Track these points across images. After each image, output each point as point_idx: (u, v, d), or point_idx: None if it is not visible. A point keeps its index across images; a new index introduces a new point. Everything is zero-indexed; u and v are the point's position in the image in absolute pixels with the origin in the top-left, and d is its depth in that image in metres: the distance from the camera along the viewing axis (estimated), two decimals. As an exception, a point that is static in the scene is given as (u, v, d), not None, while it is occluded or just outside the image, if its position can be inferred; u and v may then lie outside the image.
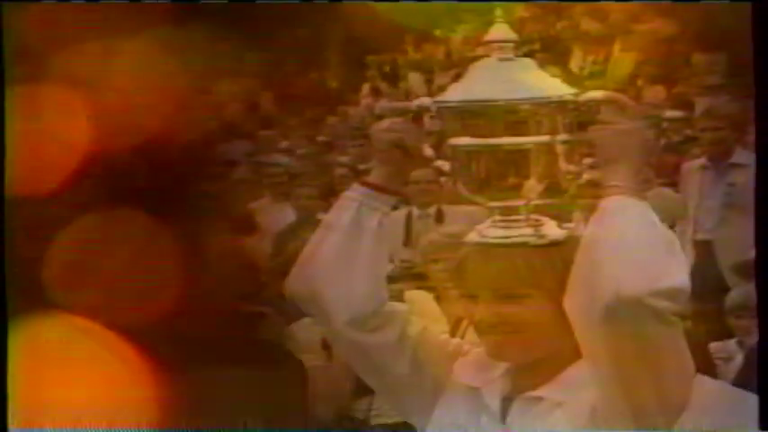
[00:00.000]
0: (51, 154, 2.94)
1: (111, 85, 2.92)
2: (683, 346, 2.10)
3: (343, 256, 2.28)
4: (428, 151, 2.29)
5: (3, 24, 2.79)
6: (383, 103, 11.64)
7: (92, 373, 3.13)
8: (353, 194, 2.32)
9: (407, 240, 7.02)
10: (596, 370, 2.11)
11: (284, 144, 11.24)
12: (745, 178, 6.56)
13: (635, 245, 2.03)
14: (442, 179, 2.34)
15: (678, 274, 2.03)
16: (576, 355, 2.21)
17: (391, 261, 6.64)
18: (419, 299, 4.66)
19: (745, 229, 6.25)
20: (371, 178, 2.33)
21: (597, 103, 2.18)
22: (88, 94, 2.89)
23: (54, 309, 3.08)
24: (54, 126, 2.91)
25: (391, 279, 5.70)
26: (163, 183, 3.14)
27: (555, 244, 2.20)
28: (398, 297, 5.09)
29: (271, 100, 13.80)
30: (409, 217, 7.28)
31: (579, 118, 2.20)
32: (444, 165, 2.28)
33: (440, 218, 7.10)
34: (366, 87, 14.29)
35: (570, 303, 2.10)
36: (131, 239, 3.07)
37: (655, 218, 2.09)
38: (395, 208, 7.36)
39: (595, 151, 2.15)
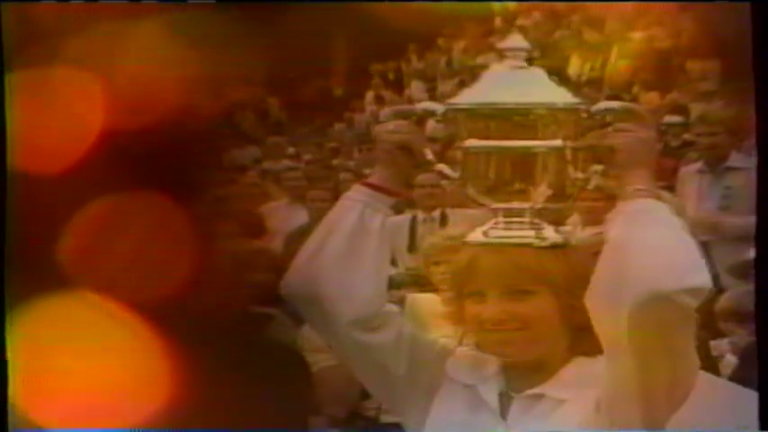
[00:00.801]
0: (65, 135, 2.92)
1: (124, 67, 2.90)
2: (693, 341, 2.14)
3: (348, 256, 2.27)
4: (430, 154, 2.29)
5: (2, 24, 2.78)
6: (389, 107, 11.68)
7: (104, 349, 3.11)
8: (357, 196, 2.31)
9: (412, 245, 7.00)
10: (615, 362, 2.12)
11: (291, 150, 11.28)
12: (740, 181, 6.59)
13: (665, 244, 2.07)
14: (444, 182, 2.34)
15: (702, 273, 2.08)
16: (571, 352, 2.23)
17: (395, 265, 6.63)
18: (423, 301, 4.66)
19: (741, 230, 6.27)
20: (374, 179, 2.31)
21: (613, 112, 2.20)
22: (102, 76, 2.87)
23: (67, 286, 3.06)
24: (67, 107, 2.89)
25: (396, 285, 5.67)
26: (175, 167, 3.13)
27: (556, 246, 2.22)
28: (402, 302, 5.10)
29: (278, 107, 13.84)
30: (414, 221, 7.26)
31: (592, 126, 2.22)
32: (445, 168, 2.28)
33: (444, 221, 7.08)
34: (370, 95, 14.31)
35: (595, 298, 2.12)
36: (144, 220, 3.05)
37: (677, 220, 2.12)
38: (399, 211, 7.39)
39: (615, 157, 2.17)
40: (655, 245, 2.07)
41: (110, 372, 3.02)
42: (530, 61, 2.26)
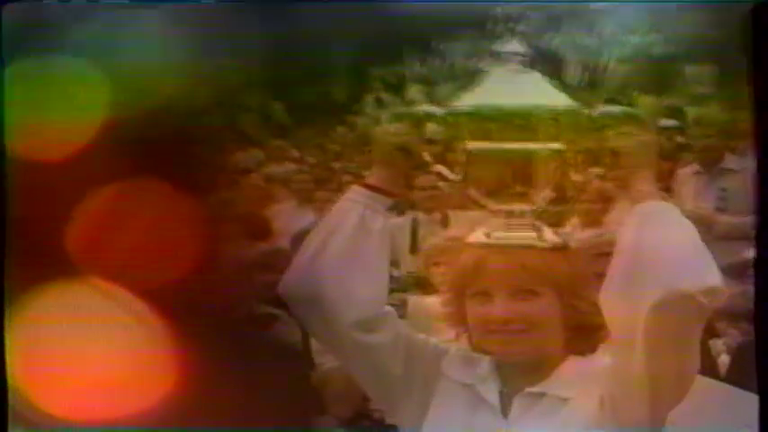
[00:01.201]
0: (69, 123, 2.92)
1: (127, 59, 2.90)
2: (699, 338, 2.17)
3: (350, 258, 2.27)
4: (428, 156, 2.30)
5: (2, 24, 2.78)
6: (391, 108, 11.63)
7: (108, 337, 3.10)
8: (356, 197, 2.31)
9: (413, 247, 7.00)
10: (626, 358, 2.14)
11: (296, 153, 11.26)
12: (735, 183, 6.62)
13: (681, 245, 2.12)
14: (441, 184, 2.34)
15: (716, 273, 2.11)
16: (566, 351, 2.24)
17: (397, 267, 6.62)
18: (425, 304, 4.65)
19: (736, 230, 6.29)
20: (373, 181, 2.32)
21: (613, 115, 2.23)
22: (105, 64, 2.87)
23: (71, 274, 3.06)
24: (71, 96, 2.89)
25: (397, 287, 5.62)
26: (179, 161, 3.12)
27: (557, 248, 2.23)
28: (404, 304, 5.07)
29: (282, 110, 13.82)
30: (415, 223, 7.26)
31: (591, 129, 2.24)
32: (444, 170, 2.29)
33: (445, 223, 7.07)
34: (371, 98, 14.28)
35: (612, 297, 2.15)
36: (150, 206, 3.04)
37: (687, 221, 2.15)
38: (402, 213, 7.37)
39: (620, 160, 2.20)
40: (672, 245, 2.10)
41: (114, 360, 3.01)
42: (530, 65, 2.28)
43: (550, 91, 2.25)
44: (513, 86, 2.24)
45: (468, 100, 2.26)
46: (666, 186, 6.96)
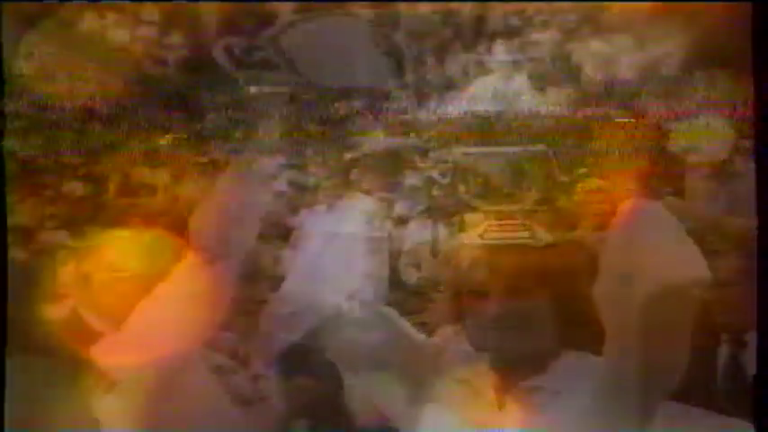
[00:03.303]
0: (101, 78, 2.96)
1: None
2: (690, 329, 2.20)
3: (351, 260, 2.29)
4: (419, 162, 2.34)
5: (2, 24, 2.82)
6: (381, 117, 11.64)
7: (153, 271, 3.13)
8: (355, 203, 2.33)
9: (434, 251, 7.01)
10: (619, 351, 2.17)
11: (319, 160, 11.28)
12: (743, 185, 6.64)
13: (669, 240, 2.14)
14: (435, 188, 2.38)
15: (704, 266, 2.14)
16: (560, 346, 2.28)
17: (419, 270, 6.61)
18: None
19: (746, 233, 6.32)
20: (368, 186, 2.34)
21: (593, 118, 2.27)
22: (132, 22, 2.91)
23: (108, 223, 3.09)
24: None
25: (417, 290, 5.61)
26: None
27: (550, 246, 2.27)
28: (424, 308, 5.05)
29: (303, 121, 13.86)
30: (435, 227, 7.27)
31: (576, 132, 2.27)
32: (434, 174, 2.32)
33: (463, 227, 7.08)
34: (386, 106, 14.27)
35: (605, 292, 2.18)
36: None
37: (671, 216, 2.19)
38: (422, 217, 7.34)
39: (604, 161, 2.23)
40: (660, 241, 2.14)
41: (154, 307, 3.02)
42: (544, 73, 2.32)
43: (535, 96, 2.28)
44: (499, 92, 2.28)
45: (456, 106, 2.30)
46: (677, 189, 6.98)
